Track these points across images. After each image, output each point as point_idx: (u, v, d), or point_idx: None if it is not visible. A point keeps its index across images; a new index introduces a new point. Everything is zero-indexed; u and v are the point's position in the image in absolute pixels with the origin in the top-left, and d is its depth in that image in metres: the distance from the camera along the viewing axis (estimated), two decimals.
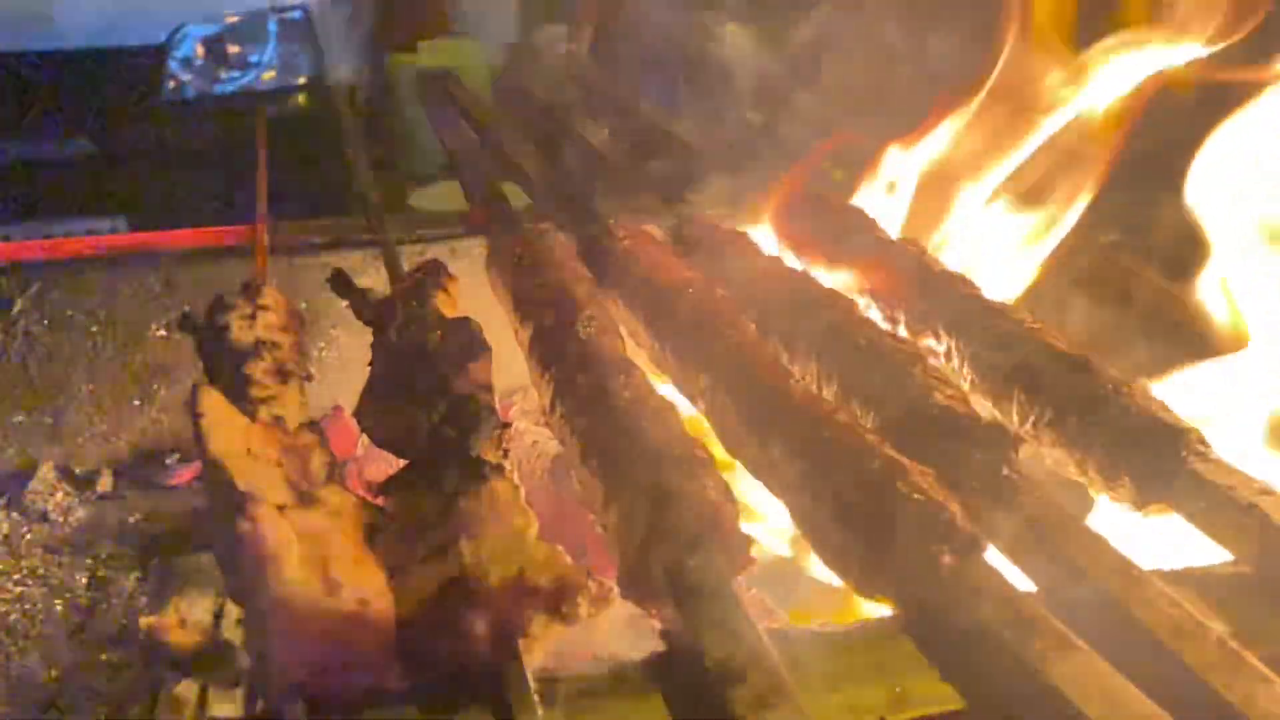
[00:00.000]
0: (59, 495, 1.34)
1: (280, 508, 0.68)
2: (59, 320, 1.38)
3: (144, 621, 1.14)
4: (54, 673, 1.12)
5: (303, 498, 0.71)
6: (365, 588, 0.65)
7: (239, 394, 0.87)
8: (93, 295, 1.39)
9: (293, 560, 0.64)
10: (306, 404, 0.90)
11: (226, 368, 0.91)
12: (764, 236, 1.27)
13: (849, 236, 1.15)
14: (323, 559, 0.65)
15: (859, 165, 1.35)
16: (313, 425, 0.85)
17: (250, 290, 1.00)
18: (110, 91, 3.81)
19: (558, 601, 0.65)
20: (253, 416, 0.84)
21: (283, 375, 0.90)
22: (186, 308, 1.06)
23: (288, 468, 0.77)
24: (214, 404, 0.80)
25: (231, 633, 1.13)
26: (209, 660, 0.97)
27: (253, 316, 0.96)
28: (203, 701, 1.04)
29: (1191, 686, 0.60)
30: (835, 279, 1.12)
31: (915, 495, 0.69)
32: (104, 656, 1.14)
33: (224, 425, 0.78)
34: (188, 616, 1.20)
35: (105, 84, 3.81)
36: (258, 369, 0.89)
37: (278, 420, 0.84)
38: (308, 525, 0.67)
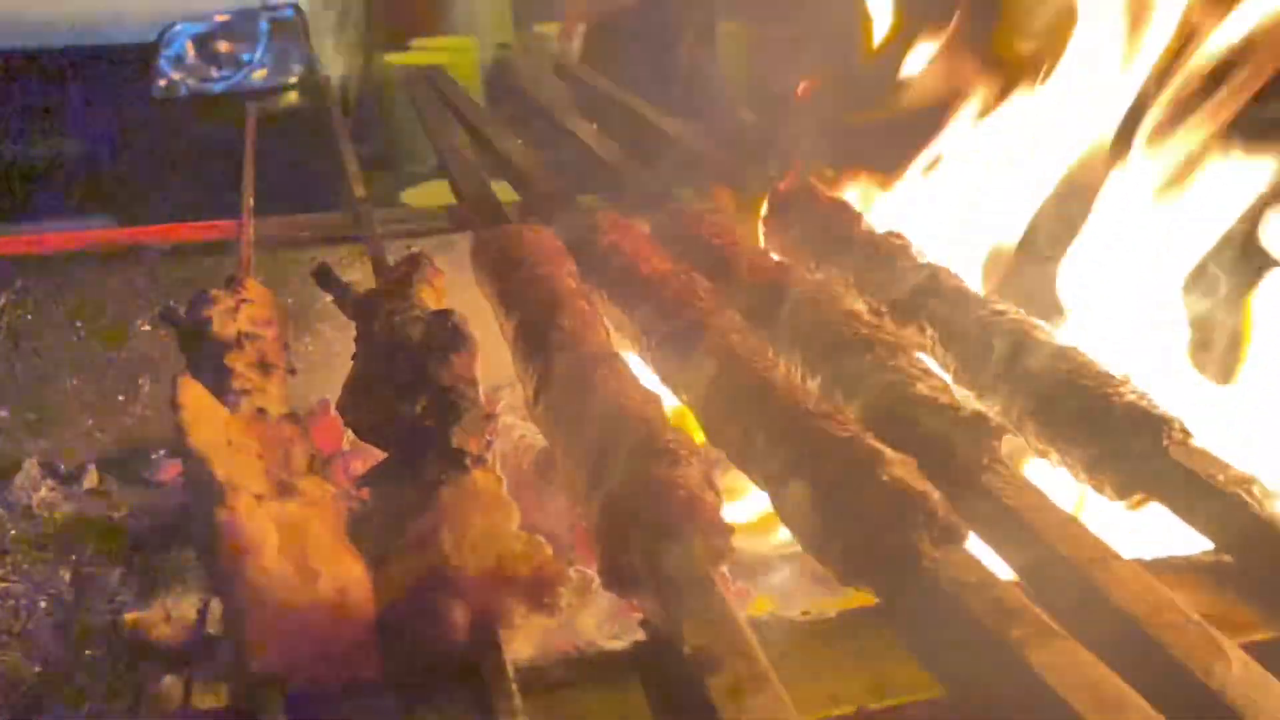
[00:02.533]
0: (43, 491, 1.34)
1: (258, 498, 0.68)
2: (43, 316, 1.38)
3: (129, 617, 1.13)
4: (37, 669, 1.11)
5: (282, 488, 0.71)
6: (344, 578, 0.65)
7: (221, 387, 0.87)
8: (77, 290, 1.38)
9: (270, 550, 0.64)
10: (288, 396, 0.90)
11: (208, 361, 0.91)
12: (750, 230, 1.27)
13: (835, 230, 1.15)
14: (301, 549, 0.65)
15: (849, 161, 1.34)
16: (294, 417, 0.85)
17: (232, 283, 1.00)
18: (101, 90, 3.80)
19: (538, 592, 0.65)
20: (234, 409, 0.84)
21: (265, 368, 0.90)
22: (172, 302, 1.05)
23: (268, 459, 0.77)
24: (194, 395, 0.80)
25: (216, 628, 1.12)
26: (194, 655, 0.96)
27: (235, 310, 0.96)
28: (188, 697, 1.04)
29: (1172, 673, 0.60)
30: (821, 271, 1.12)
31: (896, 484, 0.69)
32: (88, 653, 1.14)
33: (204, 417, 0.78)
34: (173, 613, 1.20)
35: (96, 82, 3.80)
36: (239, 361, 0.89)
37: (260, 412, 0.84)
38: (286, 515, 0.67)
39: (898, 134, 1.23)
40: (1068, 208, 1.12)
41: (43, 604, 1.20)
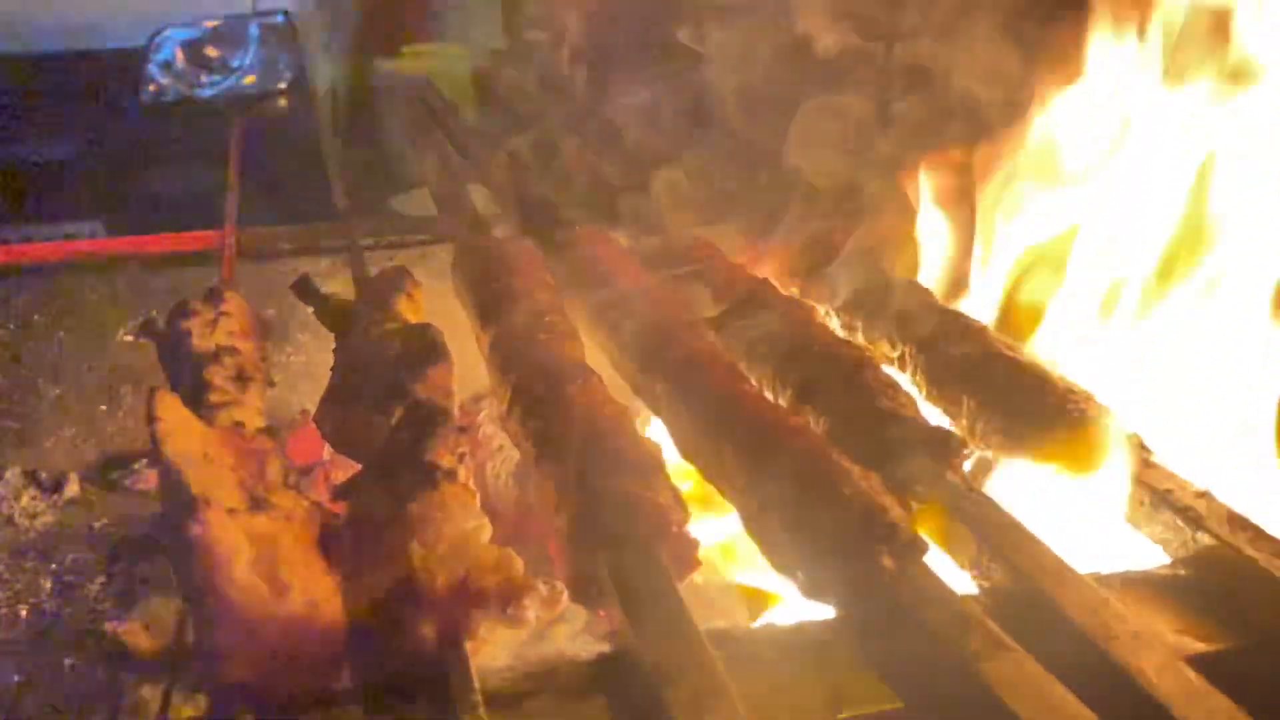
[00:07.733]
0: (25, 500, 1.34)
1: (231, 511, 0.69)
2: (26, 325, 1.38)
3: (109, 626, 1.14)
4: (18, 677, 1.12)
5: (255, 502, 0.72)
6: (314, 590, 0.66)
7: (199, 399, 0.88)
8: (60, 300, 1.39)
9: (242, 563, 0.65)
10: (268, 407, 0.91)
11: (186, 373, 0.92)
12: (728, 245, 1.28)
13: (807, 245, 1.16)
14: (272, 562, 0.66)
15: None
16: (271, 430, 0.86)
17: (212, 296, 1.01)
18: (90, 95, 3.80)
19: (505, 604, 0.66)
20: (211, 421, 0.84)
21: (243, 381, 0.91)
22: (153, 313, 1.06)
23: (243, 472, 0.78)
24: (170, 408, 0.81)
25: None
26: (172, 664, 0.97)
27: (214, 322, 0.97)
28: (166, 705, 1.05)
29: (1118, 685, 0.61)
30: (794, 287, 1.13)
31: (859, 499, 0.71)
32: (68, 660, 1.14)
33: (180, 429, 0.79)
34: (152, 621, 1.20)
35: (85, 88, 3.80)
36: (217, 374, 0.90)
37: (236, 425, 0.85)
38: (258, 529, 0.68)
39: None
40: None
41: (23, 612, 1.21)
